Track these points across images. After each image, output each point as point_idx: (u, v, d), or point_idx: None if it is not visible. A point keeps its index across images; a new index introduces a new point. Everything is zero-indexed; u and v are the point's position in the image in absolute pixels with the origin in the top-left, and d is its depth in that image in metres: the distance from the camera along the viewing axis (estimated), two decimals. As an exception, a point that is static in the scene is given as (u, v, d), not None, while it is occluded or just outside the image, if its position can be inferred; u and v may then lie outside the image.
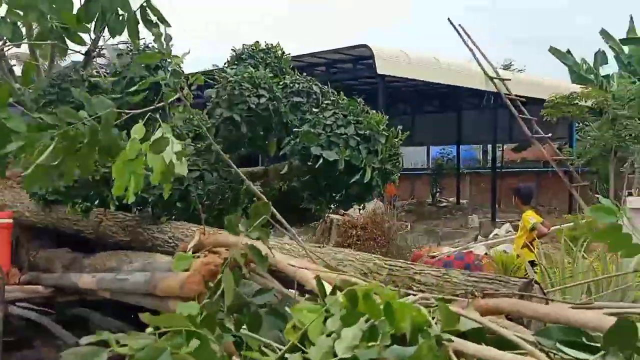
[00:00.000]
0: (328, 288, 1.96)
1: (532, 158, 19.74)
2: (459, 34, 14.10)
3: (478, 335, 1.53)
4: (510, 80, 14.00)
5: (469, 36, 13.74)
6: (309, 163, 3.26)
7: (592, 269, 5.57)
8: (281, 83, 3.84)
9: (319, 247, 2.68)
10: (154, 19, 3.55)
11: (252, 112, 3.43)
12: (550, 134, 13.72)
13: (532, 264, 5.65)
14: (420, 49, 13.63)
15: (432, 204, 20.52)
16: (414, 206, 21.03)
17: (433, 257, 12.06)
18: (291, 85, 3.80)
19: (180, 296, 2.03)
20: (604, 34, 19.01)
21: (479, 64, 13.43)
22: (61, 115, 1.59)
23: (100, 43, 4.22)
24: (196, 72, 4.41)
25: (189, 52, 3.86)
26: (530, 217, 6.31)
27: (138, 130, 2.02)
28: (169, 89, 3.53)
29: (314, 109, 3.50)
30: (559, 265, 5.68)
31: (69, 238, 4.36)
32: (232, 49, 4.20)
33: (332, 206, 3.67)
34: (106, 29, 3.79)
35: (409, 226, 9.78)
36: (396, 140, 3.39)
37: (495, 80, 13.54)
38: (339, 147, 3.19)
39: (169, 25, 3.83)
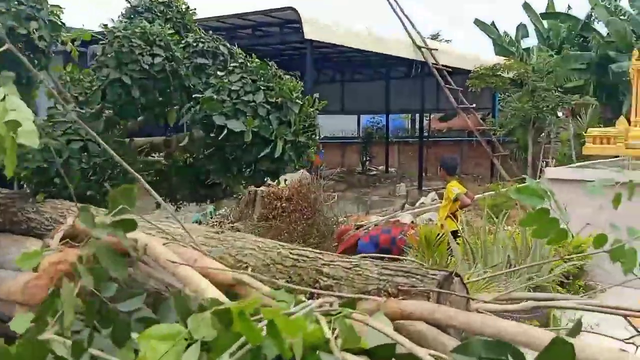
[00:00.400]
0: (215, 293, 1.61)
1: (457, 127, 20.12)
2: (389, 2, 13.87)
3: (386, 351, 1.24)
4: (437, 50, 14.00)
5: (399, 5, 13.54)
6: (212, 134, 2.85)
7: (512, 239, 5.59)
8: (183, 42, 3.35)
9: (218, 232, 2.30)
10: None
11: (145, 74, 2.94)
12: (474, 105, 13.95)
13: (455, 234, 5.57)
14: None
15: (362, 172, 20.58)
16: (344, 174, 21.04)
17: (360, 227, 11.98)
18: (194, 44, 3.32)
19: (24, 304, 1.60)
20: (526, 7, 19.44)
21: (408, 33, 13.31)
22: None
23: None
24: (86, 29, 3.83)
25: (64, 8, 3.29)
26: (454, 187, 6.24)
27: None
28: (45, 43, 2.98)
29: (218, 72, 3.06)
30: (480, 235, 5.65)
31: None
32: (126, 0, 3.64)
33: (242, 182, 3.28)
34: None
35: (336, 197, 9.55)
36: (312, 109, 3.03)
37: (422, 50, 13.49)
38: (246, 116, 2.78)
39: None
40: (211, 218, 10.00)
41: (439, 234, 4.92)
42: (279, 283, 1.67)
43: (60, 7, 3.17)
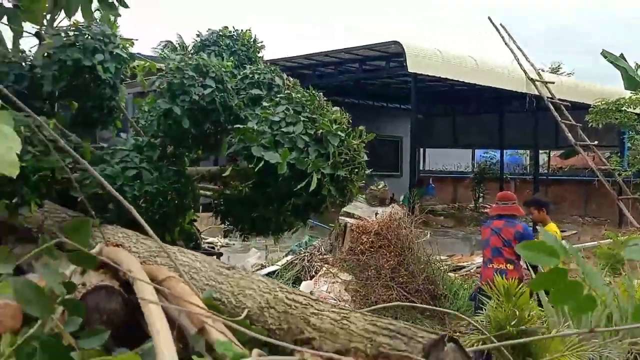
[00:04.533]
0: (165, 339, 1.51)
1: (580, 165, 18.48)
2: (499, 32, 13.26)
3: None
4: (553, 83, 13.04)
5: (510, 37, 12.90)
6: (251, 165, 2.81)
7: (615, 295, 4.85)
8: (241, 73, 3.39)
9: (229, 268, 2.22)
10: (112, -1, 3.17)
11: (195, 105, 3.00)
12: (596, 142, 12.70)
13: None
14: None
15: (474, 209, 19.62)
16: (454, 210, 20.19)
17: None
18: (251, 75, 3.35)
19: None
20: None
21: (520, 66, 12.57)
22: None
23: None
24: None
25: (136, 39, 3.50)
26: (550, 232, 5.60)
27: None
28: (109, 74, 3.17)
29: (264, 104, 3.03)
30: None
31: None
32: (196, 34, 3.79)
33: (286, 216, 3.19)
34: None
35: (428, 234, 9.11)
36: (356, 142, 2.87)
37: (537, 83, 12.63)
38: (283, 147, 2.71)
39: (126, 7, 3.45)
40: (305, 248, 10.04)
41: (520, 283, 4.40)
42: (250, 333, 1.53)
43: (131, 40, 3.38)
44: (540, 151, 19.16)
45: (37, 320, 1.56)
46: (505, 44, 12.15)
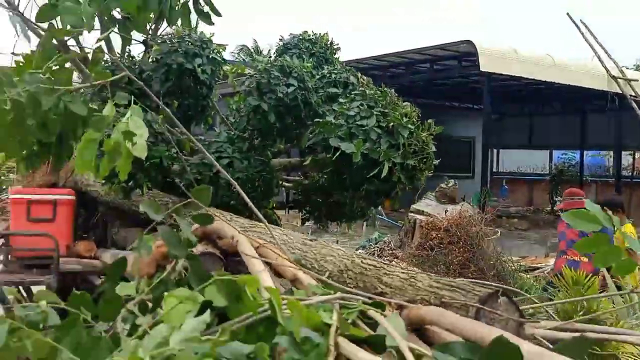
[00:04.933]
0: (267, 279, 1.87)
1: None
2: (579, 29, 12.87)
3: (377, 340, 1.36)
4: (637, 80, 12.50)
5: (590, 32, 12.47)
6: (328, 155, 3.16)
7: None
8: (319, 74, 3.76)
9: (312, 240, 2.57)
10: (207, 9, 3.66)
11: (280, 102, 3.40)
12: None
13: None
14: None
15: (550, 212, 19.05)
16: (529, 213, 19.68)
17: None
18: (328, 75, 3.71)
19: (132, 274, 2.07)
20: None
21: (601, 62, 12.16)
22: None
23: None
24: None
25: (227, 45, 3.94)
26: (627, 232, 5.55)
27: (109, 109, 2.07)
28: (206, 76, 3.63)
29: (340, 100, 3.37)
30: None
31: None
32: (279, 38, 4.21)
33: (359, 202, 3.51)
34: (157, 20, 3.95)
35: (499, 232, 9.09)
36: (425, 135, 3.15)
37: (619, 81, 12.18)
38: (358, 138, 3.04)
39: (219, 15, 3.93)
40: (375, 244, 10.31)
41: (587, 275, 4.46)
42: (332, 283, 1.87)
43: (223, 46, 3.84)
44: (626, 152, 18.29)
45: (165, 270, 1.98)
46: (585, 40, 11.80)
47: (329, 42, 4.16)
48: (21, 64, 2.35)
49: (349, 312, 1.50)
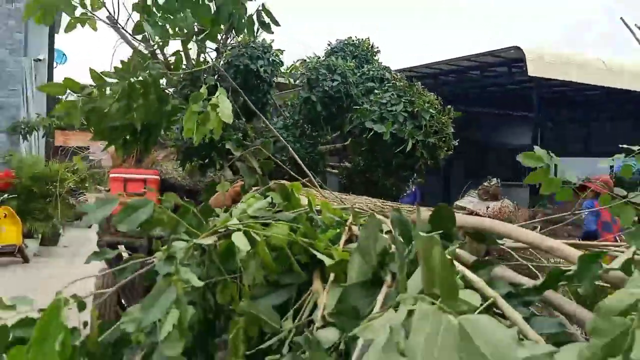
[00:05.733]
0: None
1: None
2: (633, 34, 12.93)
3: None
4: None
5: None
6: (364, 136, 3.87)
7: None
8: (360, 71, 4.50)
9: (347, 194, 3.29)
10: (267, 20, 4.51)
11: (326, 94, 4.16)
12: None
13: None
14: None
15: (609, 221, 18.77)
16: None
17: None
18: (367, 72, 4.44)
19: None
20: None
21: (653, 64, 12.19)
22: (124, 74, 2.51)
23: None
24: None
25: (285, 50, 4.75)
26: None
27: (203, 89, 2.89)
28: (267, 75, 4.45)
29: (375, 91, 4.09)
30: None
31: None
32: (327, 43, 4.99)
33: (389, 177, 4.20)
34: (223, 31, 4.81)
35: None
36: (444, 118, 3.81)
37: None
38: (387, 121, 3.75)
39: (278, 25, 4.77)
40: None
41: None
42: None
43: (281, 50, 4.65)
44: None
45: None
46: (637, 40, 11.91)
47: (369, 46, 4.89)
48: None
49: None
